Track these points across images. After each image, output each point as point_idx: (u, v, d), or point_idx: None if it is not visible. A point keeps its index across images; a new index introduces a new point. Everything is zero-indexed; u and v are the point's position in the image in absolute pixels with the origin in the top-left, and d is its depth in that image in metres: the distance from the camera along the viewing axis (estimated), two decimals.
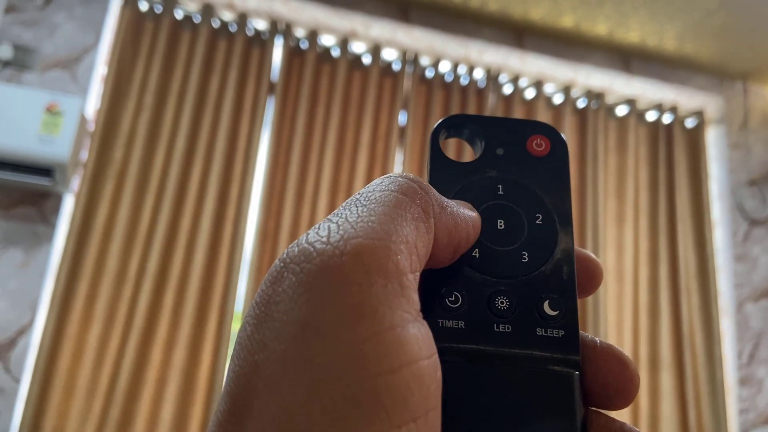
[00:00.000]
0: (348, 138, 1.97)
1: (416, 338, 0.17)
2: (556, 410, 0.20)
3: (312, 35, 2.01)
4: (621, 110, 2.28)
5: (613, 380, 0.21)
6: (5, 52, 1.75)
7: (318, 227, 0.18)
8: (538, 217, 0.23)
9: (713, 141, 2.36)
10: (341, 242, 0.17)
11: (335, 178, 1.93)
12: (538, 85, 2.18)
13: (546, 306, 0.21)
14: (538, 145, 0.25)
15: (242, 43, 1.94)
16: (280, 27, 2.01)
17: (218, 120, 1.87)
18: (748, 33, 2.09)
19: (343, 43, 2.03)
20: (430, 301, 0.21)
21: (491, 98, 2.12)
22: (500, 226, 0.23)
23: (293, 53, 2.02)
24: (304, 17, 2.03)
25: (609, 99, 2.27)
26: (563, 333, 0.21)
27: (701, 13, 2.01)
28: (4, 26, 1.79)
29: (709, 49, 2.20)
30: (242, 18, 1.96)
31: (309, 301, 0.16)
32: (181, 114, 1.83)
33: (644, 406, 1.98)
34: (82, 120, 1.68)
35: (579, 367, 0.21)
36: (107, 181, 1.74)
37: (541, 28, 2.17)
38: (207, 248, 1.77)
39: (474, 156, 0.25)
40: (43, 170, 1.62)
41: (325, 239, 0.17)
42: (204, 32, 1.91)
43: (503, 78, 2.17)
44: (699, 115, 2.30)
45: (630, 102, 2.26)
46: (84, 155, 1.75)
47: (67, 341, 1.62)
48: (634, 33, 2.15)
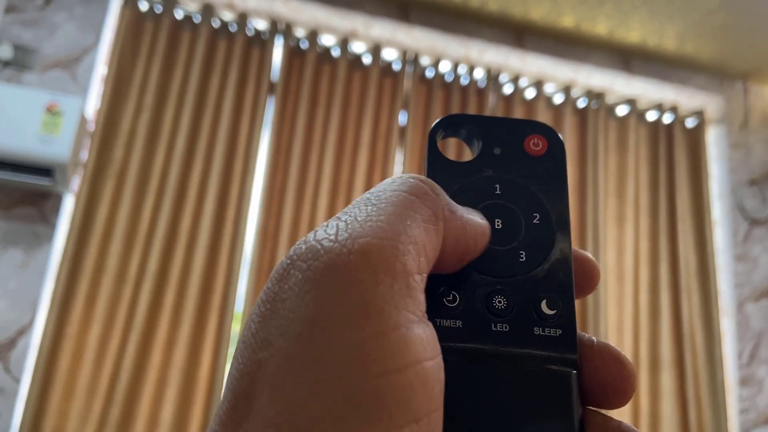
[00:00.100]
0: (348, 138, 1.97)
1: (421, 339, 0.17)
2: (553, 409, 0.20)
3: (312, 35, 2.01)
4: (621, 110, 2.28)
5: (610, 379, 0.21)
6: (5, 52, 1.75)
7: (326, 225, 0.18)
8: (536, 216, 0.23)
9: (714, 141, 2.36)
10: (349, 240, 0.17)
11: (335, 178, 1.93)
12: (538, 84, 2.17)
13: (543, 305, 0.21)
14: (536, 145, 0.25)
15: (242, 43, 1.94)
16: (280, 27, 2.01)
17: (218, 120, 1.87)
18: (749, 33, 2.09)
19: (344, 43, 2.03)
20: (427, 300, 0.21)
21: (491, 98, 2.12)
22: (498, 225, 0.23)
23: (293, 53, 2.02)
24: (305, 17, 2.03)
25: (609, 99, 2.27)
26: (561, 332, 0.21)
27: (701, 12, 2.01)
28: (4, 26, 1.79)
29: (709, 48, 2.20)
30: (242, 18, 1.96)
31: (315, 298, 0.16)
32: (181, 114, 1.83)
33: (645, 406, 1.98)
34: (82, 120, 1.68)
35: (576, 366, 0.21)
36: (107, 181, 1.74)
37: (542, 28, 2.17)
38: (207, 248, 1.77)
39: (471, 156, 0.25)
40: (43, 170, 1.62)
41: (333, 237, 0.17)
42: (204, 32, 1.91)
43: (503, 78, 2.17)
44: (699, 114, 2.30)
45: (630, 102, 2.26)
46: (84, 155, 1.75)
47: (67, 341, 1.62)
48: (634, 33, 2.15)
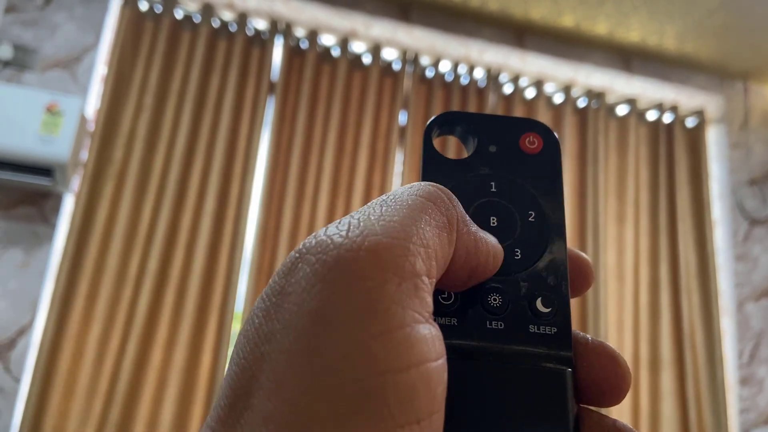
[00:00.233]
0: (348, 138, 1.97)
1: (426, 339, 0.17)
2: (548, 407, 0.20)
3: (312, 35, 2.01)
4: (621, 110, 2.28)
5: (604, 377, 0.21)
6: (5, 52, 1.75)
7: (339, 221, 0.18)
8: (531, 214, 0.23)
9: (714, 140, 2.36)
10: (359, 237, 0.17)
11: (335, 177, 1.92)
12: (538, 84, 2.17)
13: (539, 303, 0.21)
14: (531, 143, 0.25)
15: (242, 42, 1.94)
16: (280, 27, 2.01)
17: (218, 120, 1.87)
18: (749, 32, 2.09)
19: (344, 43, 2.03)
20: None
21: (491, 98, 2.12)
22: (493, 223, 0.23)
23: (293, 53, 2.02)
24: (305, 17, 2.03)
25: (609, 98, 2.27)
26: (556, 330, 0.21)
27: (702, 12, 2.01)
28: (4, 26, 1.79)
29: (709, 48, 2.20)
30: (242, 18, 1.96)
31: (321, 293, 0.16)
32: (181, 114, 1.83)
33: (645, 406, 1.98)
34: (82, 120, 1.68)
35: (571, 364, 0.21)
36: (107, 181, 1.74)
37: (542, 28, 2.17)
38: (207, 248, 1.77)
39: (467, 153, 0.25)
40: (43, 170, 1.62)
41: (344, 233, 0.17)
42: (204, 32, 1.91)
43: (503, 77, 2.17)
44: (699, 114, 2.30)
45: (630, 101, 2.26)
46: (84, 155, 1.75)
47: (67, 341, 1.62)
48: (634, 32, 2.15)
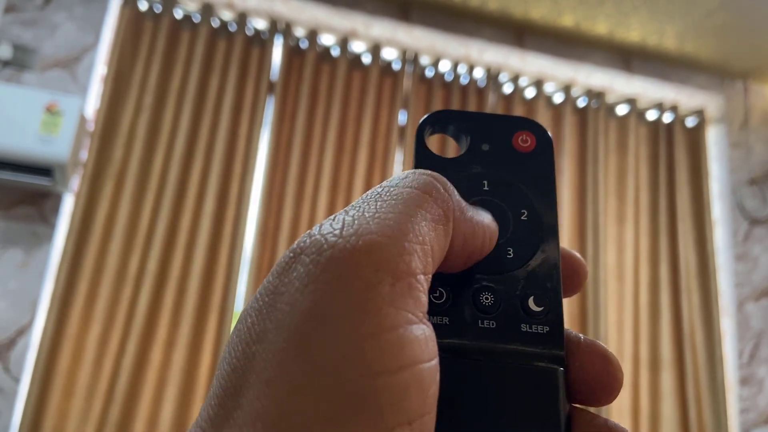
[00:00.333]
0: (348, 137, 1.97)
1: (419, 340, 0.16)
2: (539, 406, 0.20)
3: (312, 35, 2.01)
4: (621, 109, 2.28)
5: (596, 376, 0.21)
6: (5, 51, 1.75)
7: (333, 218, 0.18)
8: (524, 213, 0.23)
9: (714, 140, 2.36)
10: (353, 237, 0.17)
11: (335, 177, 1.92)
12: (538, 84, 2.17)
13: (531, 302, 0.21)
14: (524, 141, 0.25)
15: (242, 42, 1.94)
16: (279, 26, 2.00)
17: (218, 119, 1.87)
18: (749, 32, 2.09)
19: (343, 43, 2.03)
20: None
21: (491, 97, 2.12)
22: None
23: (293, 53, 2.01)
24: (304, 17, 2.03)
25: (609, 98, 2.27)
26: (548, 329, 0.21)
27: (702, 12, 2.00)
28: (4, 26, 1.79)
29: (709, 48, 2.20)
30: (242, 17, 1.96)
31: (314, 293, 0.16)
32: (180, 113, 1.83)
33: (645, 406, 1.98)
34: (82, 120, 1.68)
35: (563, 364, 0.21)
36: (107, 181, 1.74)
37: (542, 28, 2.17)
38: (207, 248, 1.77)
39: (459, 152, 0.25)
40: (43, 170, 1.62)
41: (338, 232, 0.17)
42: (203, 32, 1.91)
43: (503, 77, 2.17)
44: (699, 114, 2.30)
45: (630, 101, 2.26)
46: (84, 155, 1.75)
47: (66, 341, 1.62)
48: (634, 32, 2.15)
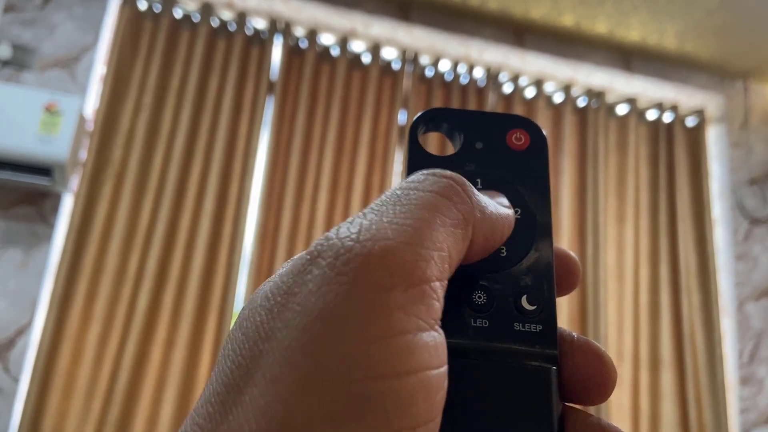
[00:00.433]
0: (347, 137, 1.97)
1: (428, 347, 0.16)
2: (532, 406, 0.20)
3: (311, 34, 2.01)
4: (621, 109, 2.27)
5: (590, 375, 0.21)
6: (4, 51, 1.74)
7: (351, 222, 0.18)
8: (517, 211, 0.23)
9: (714, 140, 2.36)
10: (370, 242, 0.17)
11: (335, 177, 1.92)
12: (538, 84, 2.17)
13: (524, 300, 0.21)
14: (518, 139, 0.25)
15: (241, 42, 1.94)
16: (279, 26, 2.00)
17: (217, 119, 1.86)
18: (749, 32, 2.09)
19: (343, 42, 2.03)
20: None
21: (491, 97, 2.12)
22: None
23: (293, 52, 2.01)
24: (304, 16, 2.03)
25: (609, 98, 2.26)
26: (541, 328, 0.21)
27: (702, 11, 2.00)
28: (3, 26, 1.78)
29: (709, 47, 2.20)
30: (241, 17, 1.96)
31: (327, 295, 0.16)
32: (180, 113, 1.83)
33: (645, 406, 1.97)
34: (81, 119, 1.68)
35: (556, 363, 0.21)
36: (106, 181, 1.74)
37: (542, 27, 2.17)
38: (206, 248, 1.76)
39: (453, 150, 0.25)
40: (42, 170, 1.62)
41: (355, 236, 0.17)
42: (203, 31, 1.90)
43: (503, 77, 2.16)
44: (699, 113, 2.30)
45: (630, 101, 2.26)
46: (83, 155, 1.75)
47: (66, 341, 1.62)
48: (634, 32, 2.15)
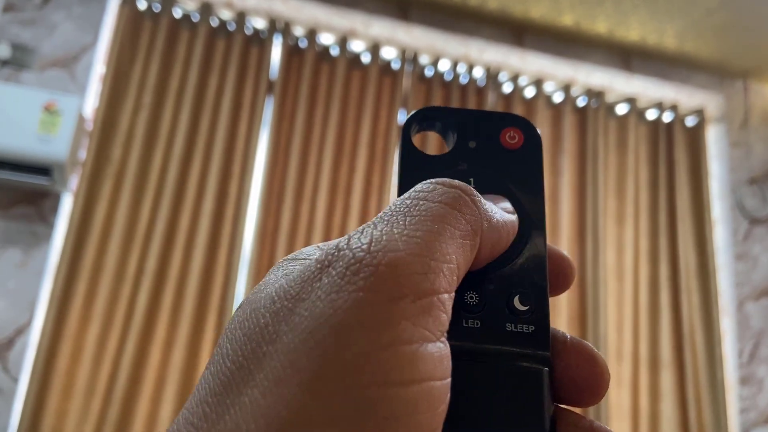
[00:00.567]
0: (347, 137, 1.96)
1: (433, 358, 0.17)
2: (523, 407, 0.20)
3: (311, 34, 2.01)
4: (621, 109, 2.27)
5: (582, 376, 0.21)
6: (3, 51, 1.74)
7: (362, 232, 0.18)
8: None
9: (714, 139, 2.36)
10: (380, 253, 0.17)
11: (334, 177, 1.92)
12: (537, 83, 2.17)
13: (516, 301, 0.21)
14: (511, 138, 0.24)
15: (241, 41, 1.94)
16: (278, 26, 2.00)
17: (217, 119, 1.86)
18: (749, 31, 2.09)
19: (343, 42, 2.03)
20: None
21: (491, 97, 2.12)
22: None
23: (292, 52, 2.01)
24: (303, 16, 2.03)
25: (609, 97, 2.26)
26: (533, 328, 0.21)
27: (701, 11, 2.00)
28: (3, 25, 1.78)
29: (709, 47, 2.20)
30: (241, 17, 1.96)
31: (335, 302, 0.16)
32: (179, 113, 1.83)
33: (644, 406, 1.97)
34: (81, 119, 1.68)
35: (549, 364, 0.20)
36: (106, 181, 1.74)
37: (541, 27, 2.16)
38: (206, 247, 1.76)
39: (447, 149, 0.25)
40: (42, 169, 1.62)
41: (366, 247, 0.17)
42: (202, 31, 1.90)
43: (503, 76, 2.16)
44: (699, 113, 2.30)
45: (630, 100, 2.26)
46: (82, 154, 1.75)
47: (65, 341, 1.62)
48: (634, 31, 2.14)
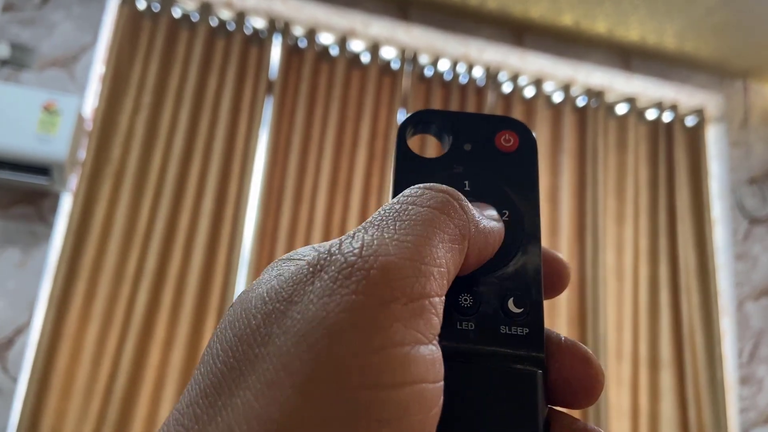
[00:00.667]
0: (346, 137, 1.96)
1: (425, 360, 0.17)
2: (517, 410, 0.19)
3: (310, 34, 2.01)
4: (621, 108, 2.27)
5: (577, 378, 0.21)
6: (3, 50, 1.74)
7: (353, 236, 0.19)
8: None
9: (713, 139, 2.36)
10: (372, 257, 0.17)
11: (334, 176, 1.92)
12: (537, 83, 2.17)
13: (511, 303, 0.21)
14: (507, 141, 0.24)
15: (240, 41, 1.94)
16: (278, 25, 2.00)
17: (216, 119, 1.86)
18: (748, 31, 2.09)
19: (342, 42, 2.03)
20: None
21: (490, 97, 2.11)
22: None
23: (292, 52, 2.01)
24: (303, 16, 2.03)
25: (609, 97, 2.26)
26: (528, 331, 0.21)
27: (701, 11, 2.00)
28: (2, 25, 1.78)
29: (709, 47, 2.20)
30: (240, 16, 1.96)
31: (327, 305, 0.16)
32: (179, 113, 1.83)
33: (644, 405, 1.97)
34: (80, 119, 1.68)
35: (543, 366, 0.20)
36: (105, 180, 1.74)
37: (541, 26, 2.16)
38: (205, 247, 1.76)
39: (442, 152, 0.25)
40: (41, 169, 1.62)
41: (358, 251, 0.18)
42: (202, 31, 1.90)
43: (503, 76, 2.16)
44: (699, 113, 2.30)
45: (630, 100, 2.26)
46: (82, 154, 1.74)
47: (64, 341, 1.62)
48: (633, 31, 2.14)
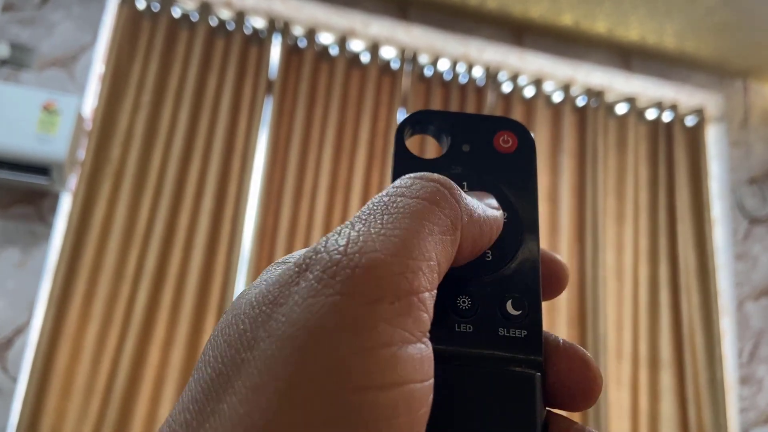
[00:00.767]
0: (346, 136, 1.96)
1: (413, 360, 0.16)
2: (515, 412, 0.19)
3: (310, 33, 2.01)
4: (621, 108, 2.27)
5: (575, 380, 0.21)
6: (2, 50, 1.74)
7: (339, 232, 0.18)
8: (504, 215, 0.23)
9: (713, 139, 2.36)
10: (357, 254, 0.17)
11: (333, 176, 1.92)
12: (537, 83, 2.17)
13: (509, 305, 0.21)
14: (505, 142, 0.24)
15: (240, 41, 1.94)
16: (278, 25, 2.00)
17: (216, 118, 1.86)
18: (749, 31, 2.09)
19: (342, 42, 2.03)
20: None
21: (490, 96, 2.11)
22: None
23: (291, 51, 2.01)
24: (303, 15, 2.03)
25: (609, 97, 2.26)
26: (526, 333, 0.21)
27: (701, 10, 2.00)
28: (2, 25, 1.78)
29: (709, 46, 2.19)
30: (240, 16, 1.96)
31: (311, 306, 0.16)
32: (178, 112, 1.83)
33: (644, 405, 1.97)
34: (80, 119, 1.68)
35: (541, 368, 0.20)
36: (104, 180, 1.74)
37: (541, 26, 2.16)
38: (205, 247, 1.76)
39: (440, 152, 0.25)
40: (40, 169, 1.62)
41: (343, 249, 0.17)
42: (201, 30, 1.90)
43: (502, 76, 2.16)
44: (699, 113, 2.30)
45: (630, 100, 2.26)
46: (81, 154, 1.74)
47: (64, 340, 1.62)
48: (633, 31, 2.14)
